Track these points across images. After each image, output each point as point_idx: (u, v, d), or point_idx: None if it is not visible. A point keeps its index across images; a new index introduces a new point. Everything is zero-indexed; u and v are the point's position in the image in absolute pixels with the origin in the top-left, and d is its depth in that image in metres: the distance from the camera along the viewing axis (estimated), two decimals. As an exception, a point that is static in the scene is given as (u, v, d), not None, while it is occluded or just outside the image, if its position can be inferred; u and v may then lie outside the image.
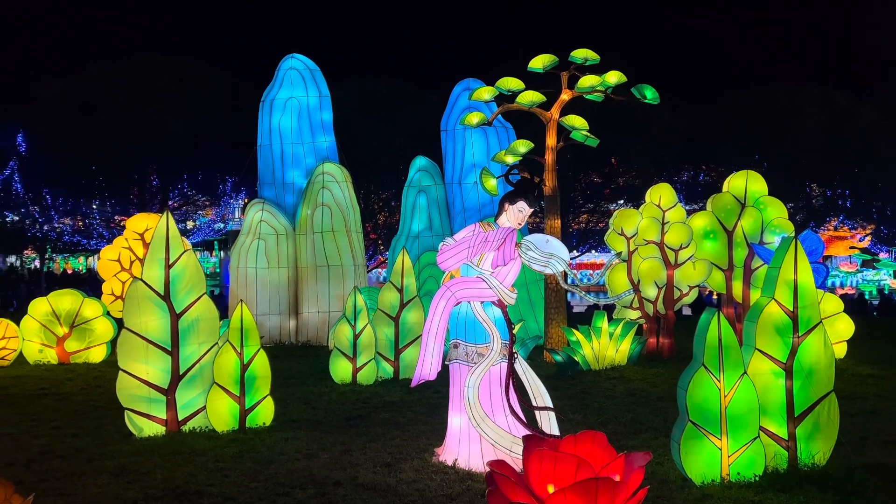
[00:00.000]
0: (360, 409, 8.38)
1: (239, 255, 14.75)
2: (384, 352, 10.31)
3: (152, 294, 7.06)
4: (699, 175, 34.84)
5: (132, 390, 7.02)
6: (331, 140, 15.68)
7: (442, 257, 5.86)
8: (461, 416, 5.84)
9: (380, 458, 6.24)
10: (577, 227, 33.23)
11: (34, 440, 6.97)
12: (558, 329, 11.59)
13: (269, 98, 15.58)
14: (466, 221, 14.16)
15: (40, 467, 6.06)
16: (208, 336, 7.32)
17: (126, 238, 15.71)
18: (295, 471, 5.89)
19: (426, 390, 8.73)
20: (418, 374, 5.83)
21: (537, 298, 13.81)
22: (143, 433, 7.00)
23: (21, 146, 32.18)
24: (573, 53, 11.52)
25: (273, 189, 15.48)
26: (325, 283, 14.54)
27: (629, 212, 12.44)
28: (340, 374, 9.98)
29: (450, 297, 5.76)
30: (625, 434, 7.04)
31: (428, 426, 7.31)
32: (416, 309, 10.42)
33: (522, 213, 5.93)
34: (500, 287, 5.70)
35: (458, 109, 14.70)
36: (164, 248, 7.12)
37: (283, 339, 14.65)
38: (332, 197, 14.72)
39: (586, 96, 11.82)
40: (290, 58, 15.69)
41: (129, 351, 7.03)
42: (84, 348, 12.24)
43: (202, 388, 7.23)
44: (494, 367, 5.78)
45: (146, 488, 5.46)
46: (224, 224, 36.82)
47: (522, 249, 5.66)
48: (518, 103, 11.73)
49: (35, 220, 33.30)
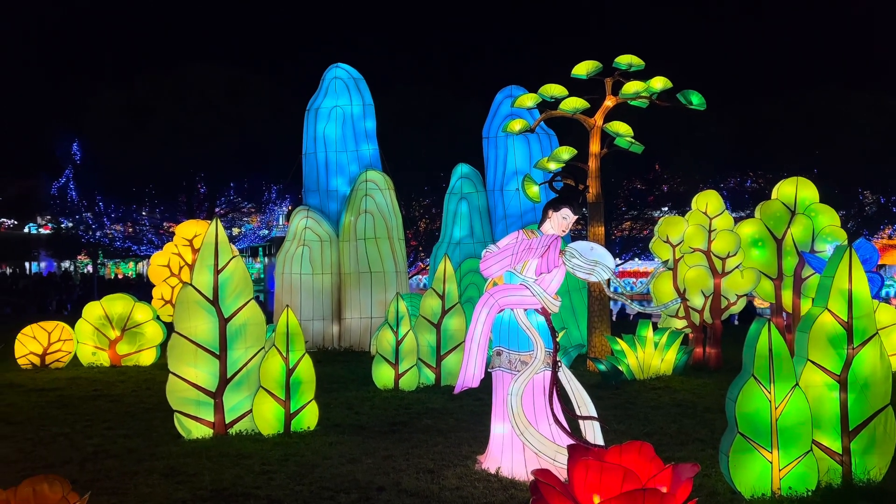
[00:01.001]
0: (403, 414, 8.42)
1: (284, 260, 14.99)
2: (426, 358, 10.34)
3: (201, 299, 7.22)
4: (746, 182, 34.13)
5: (181, 393, 7.19)
6: (374, 148, 15.84)
7: (485, 264, 5.86)
8: (504, 423, 5.83)
9: (422, 464, 6.26)
10: (620, 234, 32.85)
11: (88, 440, 7.19)
12: (602, 338, 11.46)
13: (314, 107, 15.83)
14: (508, 228, 14.13)
15: (94, 466, 6.25)
16: (255, 340, 7.45)
17: (175, 244, 16.11)
18: (339, 475, 5.95)
19: (468, 397, 8.72)
20: (461, 382, 5.84)
21: (580, 306, 13.69)
22: (191, 435, 7.16)
23: (76, 155, 33.33)
24: (617, 59, 11.43)
25: (317, 196, 15.70)
26: (367, 289, 14.67)
27: (675, 219, 12.24)
28: (383, 380, 10.04)
29: (493, 305, 5.76)
30: (671, 445, 6.92)
31: (470, 433, 7.30)
32: (457, 316, 10.44)
33: (567, 221, 5.90)
34: (543, 294, 5.68)
35: (500, 116, 14.70)
36: (213, 254, 7.28)
37: (327, 344, 14.81)
38: (374, 204, 14.86)
39: (631, 102, 11.71)
40: (335, 67, 15.92)
41: (178, 354, 7.20)
42: (135, 351, 12.58)
43: (249, 392, 7.36)
44: (538, 376, 5.75)
45: (195, 489, 5.58)
46: (268, 231, 37.47)
47: (567, 257, 5.63)
48: (561, 110, 11.68)
49: (88, 227, 34.40)
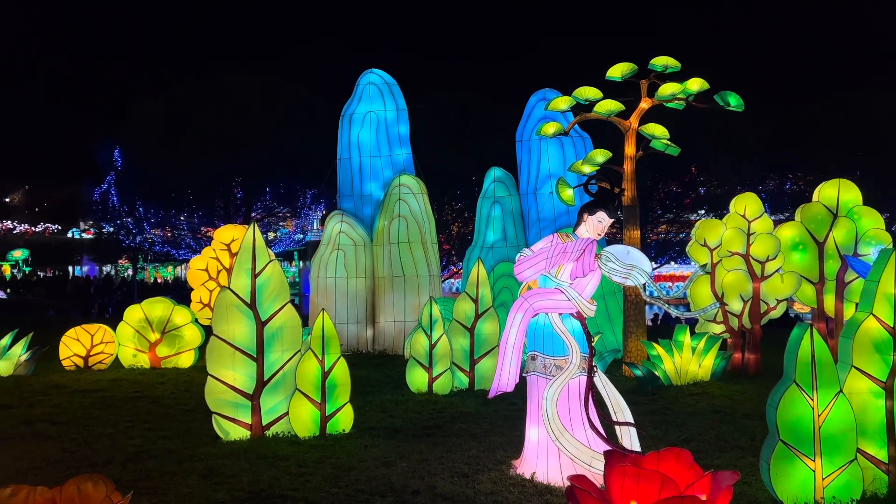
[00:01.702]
0: (437, 418, 8.42)
1: (319, 264, 15.14)
2: (459, 362, 10.34)
3: (239, 302, 7.33)
4: (785, 184, 33.47)
5: (220, 395, 7.30)
6: (407, 152, 15.93)
7: (519, 268, 5.84)
8: (539, 428, 5.80)
9: (457, 468, 6.25)
10: (655, 237, 32.47)
11: (130, 440, 7.34)
12: (638, 342, 11.33)
13: (348, 112, 15.98)
14: (542, 232, 14.07)
15: (135, 467, 6.37)
16: (291, 343, 7.53)
17: (213, 248, 16.39)
18: (374, 478, 5.98)
19: (502, 402, 8.70)
20: (496, 386, 5.82)
21: (615, 311, 13.56)
22: (229, 437, 7.26)
23: (117, 161, 34.16)
24: (653, 61, 11.31)
25: (352, 201, 15.84)
26: (401, 293, 14.74)
27: (712, 222, 12.06)
28: (416, 384, 10.07)
29: (527, 309, 5.74)
30: (709, 452, 6.80)
31: (505, 438, 7.28)
32: (491, 320, 10.42)
33: (602, 224, 5.86)
34: (579, 299, 5.64)
35: (533, 120, 14.67)
36: (251, 258, 7.39)
37: (361, 347, 14.91)
38: (408, 208, 14.93)
39: (667, 104, 11.58)
40: (369, 73, 16.05)
41: (217, 357, 7.31)
42: (174, 354, 12.81)
43: (285, 395, 7.45)
44: (573, 381, 5.71)
45: (233, 490, 5.65)
46: (303, 235, 37.89)
47: (602, 261, 5.59)
48: (595, 112, 11.60)
49: (129, 232, 35.21)
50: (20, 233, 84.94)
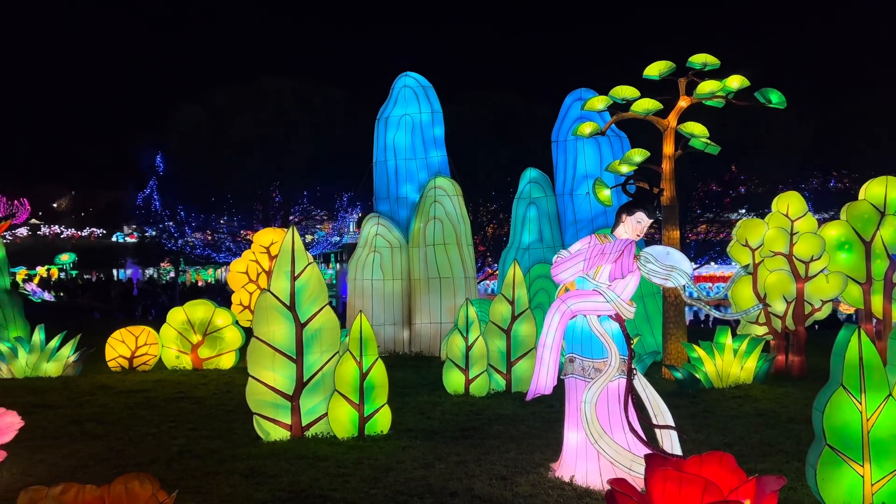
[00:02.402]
0: (474, 420, 8.42)
1: (356, 267, 15.27)
2: (496, 364, 10.31)
3: (279, 304, 7.43)
4: (830, 182, 32.64)
5: (260, 396, 7.41)
6: (442, 155, 15.97)
7: (557, 270, 5.80)
8: (578, 431, 5.75)
9: (495, 470, 6.24)
10: (694, 237, 31.94)
11: (173, 440, 7.50)
12: (678, 344, 11.16)
13: (384, 116, 16.09)
14: (578, 233, 13.97)
15: (179, 466, 6.50)
16: (330, 345, 7.61)
17: (253, 251, 16.64)
18: (413, 479, 6.00)
19: (540, 404, 8.66)
20: (533, 388, 5.79)
21: (654, 312, 13.38)
22: (269, 437, 7.37)
23: (159, 166, 34.95)
24: (691, 59, 11.14)
25: (388, 203, 15.94)
26: (436, 294, 14.77)
27: (754, 221, 11.82)
28: (453, 385, 10.08)
29: (565, 311, 5.69)
30: (753, 456, 6.67)
31: (543, 440, 7.24)
32: (527, 322, 10.37)
33: (641, 225, 5.79)
34: (617, 300, 5.58)
35: (569, 120, 14.57)
36: (290, 260, 7.48)
37: (397, 348, 14.99)
38: (443, 210, 14.95)
39: (706, 102, 11.39)
40: (404, 76, 16.13)
41: (257, 358, 7.42)
42: (215, 355, 13.04)
43: (324, 396, 7.53)
44: (612, 383, 5.65)
45: (274, 490, 5.73)
46: (340, 237, 38.24)
47: (641, 262, 5.52)
48: (633, 112, 11.46)
49: (171, 235, 35.97)
50: (67, 237, 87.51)
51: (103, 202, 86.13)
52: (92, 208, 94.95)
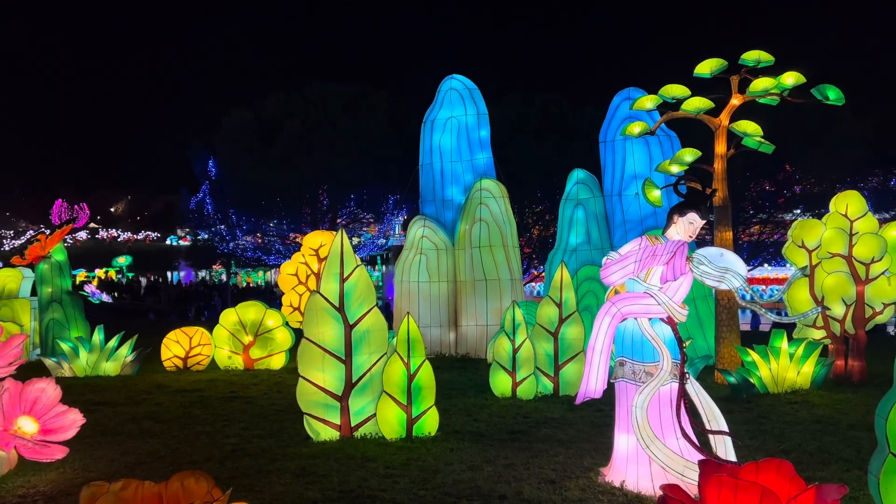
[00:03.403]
0: (521, 423, 8.37)
1: (402, 269, 15.36)
2: (543, 367, 10.24)
3: (328, 306, 7.52)
4: (891, 180, 31.42)
5: (310, 396, 7.51)
6: (488, 156, 15.95)
7: (606, 272, 5.72)
8: (629, 436, 5.66)
9: (544, 474, 6.19)
10: (747, 238, 31.13)
11: (226, 439, 7.66)
12: (731, 348, 10.89)
13: (430, 118, 16.16)
14: (627, 234, 13.76)
15: (232, 464, 6.64)
16: (378, 346, 7.67)
17: (303, 254, 16.90)
18: (461, 481, 6.00)
19: (588, 408, 8.56)
20: (583, 392, 5.72)
21: (706, 315, 13.09)
22: (319, 437, 7.46)
23: (212, 171, 35.81)
24: (744, 56, 10.86)
25: (433, 206, 15.99)
26: (482, 296, 14.75)
27: (811, 222, 11.46)
28: (500, 388, 10.04)
29: (615, 313, 5.61)
30: (811, 464, 6.46)
31: (592, 445, 7.15)
32: (575, 324, 10.26)
33: (693, 226, 5.67)
34: (669, 303, 5.47)
35: (617, 119, 14.38)
36: (339, 262, 7.57)
37: (444, 350, 15.02)
38: (489, 212, 14.93)
39: (759, 100, 11.09)
40: (450, 78, 16.18)
41: (308, 359, 7.53)
42: (266, 356, 13.29)
43: (372, 397, 7.59)
44: (664, 388, 5.54)
45: (324, 490, 5.80)
46: (386, 240, 38.52)
47: (694, 264, 5.40)
48: (683, 111, 11.24)
49: (223, 238, 36.80)
50: (123, 240, 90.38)
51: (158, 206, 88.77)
52: (147, 212, 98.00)
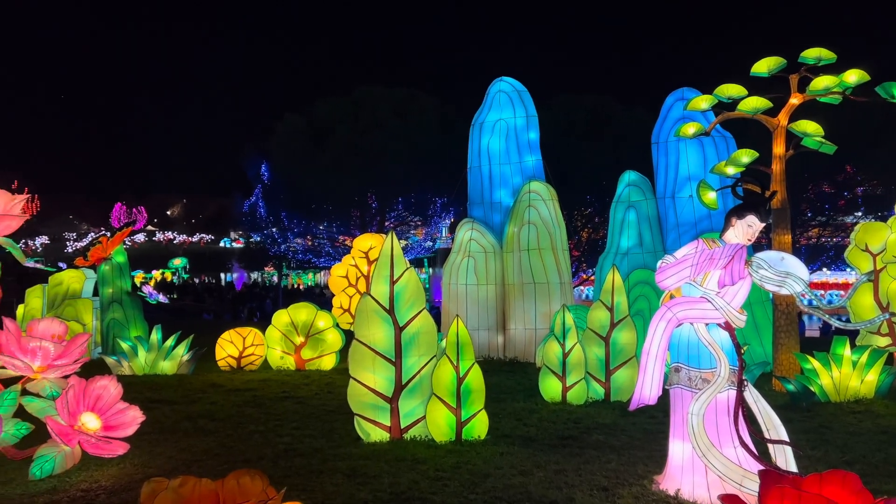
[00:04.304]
0: (572, 428, 8.27)
1: (450, 272, 15.37)
2: (594, 372, 10.10)
3: (379, 308, 7.57)
4: (960, 181, 29.98)
5: (361, 397, 7.57)
6: (537, 159, 15.85)
7: (662, 276, 5.61)
8: (684, 444, 5.53)
9: (596, 481, 6.10)
10: (805, 242, 30.17)
11: (279, 438, 7.78)
12: (790, 355, 10.56)
13: (478, 121, 16.14)
14: (681, 237, 13.50)
15: (285, 463, 6.74)
16: (428, 348, 7.68)
17: (353, 256, 17.09)
18: (511, 486, 5.95)
19: (641, 415, 8.42)
20: (637, 398, 5.61)
21: (763, 321, 12.72)
22: (369, 438, 7.51)
23: (264, 175, 36.58)
24: (804, 53, 10.52)
25: (482, 208, 15.96)
26: (531, 300, 14.64)
27: (875, 225, 11.04)
28: (550, 392, 9.94)
29: (671, 318, 5.49)
30: (878, 477, 6.20)
31: (645, 452, 7.02)
32: (627, 329, 10.10)
33: (752, 229, 5.51)
34: (727, 308, 5.32)
35: (670, 120, 14.11)
36: (389, 265, 7.62)
37: (492, 353, 14.96)
38: (538, 215, 14.83)
39: (820, 99, 10.74)
40: (499, 81, 16.14)
41: (358, 360, 7.60)
42: (317, 356, 13.46)
43: (422, 399, 7.60)
44: (721, 395, 5.40)
45: (375, 491, 5.83)
46: (433, 242, 38.68)
47: (753, 268, 5.24)
48: (740, 111, 10.96)
49: (274, 241, 37.53)
50: (179, 242, 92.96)
51: (212, 209, 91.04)
52: (202, 215, 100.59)
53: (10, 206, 6.94)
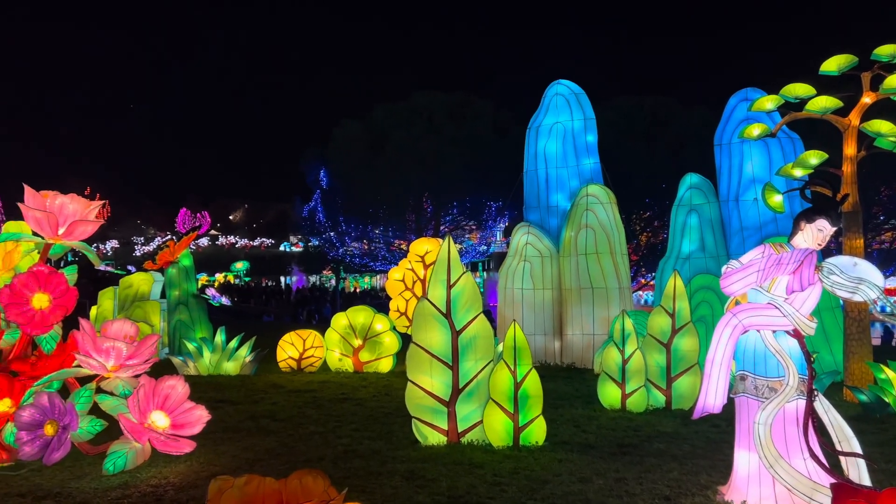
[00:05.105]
0: (632, 436, 8.12)
1: (506, 276, 15.32)
2: (655, 379, 9.90)
3: (436, 312, 7.61)
4: None
5: (419, 400, 7.62)
6: (595, 162, 15.66)
7: (727, 281, 5.46)
8: (750, 454, 5.37)
9: (657, 490, 5.97)
10: (878, 246, 28.91)
11: (338, 439, 7.89)
12: (861, 364, 10.13)
13: (535, 124, 16.06)
14: (745, 241, 13.13)
15: (344, 464, 6.83)
16: (484, 353, 7.68)
17: (409, 260, 17.24)
18: (570, 493, 5.89)
19: (704, 423, 8.22)
20: (701, 406, 5.47)
21: (833, 329, 12.24)
22: (427, 441, 7.55)
23: (323, 180, 37.27)
24: (877, 51, 10.10)
25: (538, 212, 15.87)
26: (589, 305, 14.46)
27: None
28: (609, 399, 9.79)
29: (736, 325, 5.34)
30: (960, 494, 5.87)
31: (708, 461, 6.84)
32: (689, 336, 9.86)
33: (823, 233, 5.31)
34: (796, 315, 5.14)
35: (734, 121, 13.74)
36: (446, 269, 7.65)
37: (548, 359, 14.84)
38: (596, 219, 14.64)
39: (894, 98, 10.28)
40: (556, 84, 16.03)
41: (416, 364, 7.65)
42: (374, 359, 13.62)
43: (479, 403, 7.60)
44: (789, 405, 5.22)
45: (433, 494, 5.85)
46: (487, 247, 38.63)
47: (824, 273, 5.05)
48: (807, 111, 10.58)
49: (332, 245, 38.16)
50: (241, 246, 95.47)
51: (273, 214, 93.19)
52: (262, 220, 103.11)
53: (87, 211, 7.28)
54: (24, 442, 6.46)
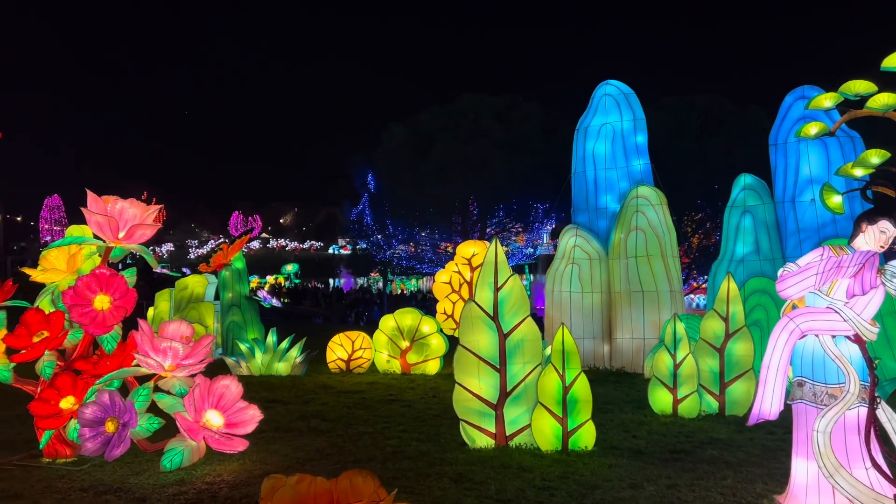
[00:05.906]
0: (684, 442, 7.96)
1: (554, 279, 15.20)
2: (707, 384, 9.68)
3: (483, 314, 7.61)
4: None
5: (466, 403, 7.62)
6: (645, 163, 15.42)
7: (783, 285, 5.31)
8: (808, 463, 5.20)
9: (711, 497, 5.85)
10: (943, 249, 27.69)
11: (387, 440, 7.96)
12: (927, 371, 9.71)
13: (583, 126, 15.90)
14: (801, 243, 12.73)
15: (393, 466, 6.88)
16: (532, 356, 7.63)
17: (456, 263, 17.26)
18: (621, 499, 5.81)
19: (758, 430, 8.00)
20: (756, 413, 5.33)
21: (895, 333, 11.77)
22: (475, 444, 7.55)
23: (370, 184, 37.67)
24: (944, 43, 9.68)
25: (586, 214, 15.69)
26: (639, 308, 14.23)
27: None
28: (660, 405, 9.63)
29: (793, 330, 5.19)
30: None
31: (763, 469, 6.66)
32: (743, 340, 9.62)
33: (886, 235, 5.13)
34: (857, 319, 4.97)
35: (790, 120, 13.34)
36: (493, 272, 7.64)
37: (597, 363, 14.65)
38: (646, 220, 14.41)
39: (962, 92, 9.83)
40: (605, 84, 15.83)
41: (464, 366, 7.66)
42: (422, 361, 13.69)
43: (527, 407, 7.56)
44: (850, 412, 5.04)
45: (482, 497, 5.85)
46: (534, 249, 38.40)
47: (887, 276, 4.87)
48: (868, 108, 10.19)
49: (380, 247, 38.52)
50: (291, 249, 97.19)
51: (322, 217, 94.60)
52: (312, 223, 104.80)
53: (145, 216, 7.53)
54: (87, 438, 6.71)
